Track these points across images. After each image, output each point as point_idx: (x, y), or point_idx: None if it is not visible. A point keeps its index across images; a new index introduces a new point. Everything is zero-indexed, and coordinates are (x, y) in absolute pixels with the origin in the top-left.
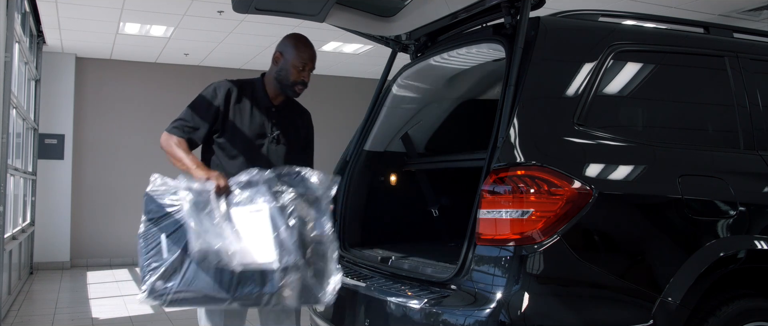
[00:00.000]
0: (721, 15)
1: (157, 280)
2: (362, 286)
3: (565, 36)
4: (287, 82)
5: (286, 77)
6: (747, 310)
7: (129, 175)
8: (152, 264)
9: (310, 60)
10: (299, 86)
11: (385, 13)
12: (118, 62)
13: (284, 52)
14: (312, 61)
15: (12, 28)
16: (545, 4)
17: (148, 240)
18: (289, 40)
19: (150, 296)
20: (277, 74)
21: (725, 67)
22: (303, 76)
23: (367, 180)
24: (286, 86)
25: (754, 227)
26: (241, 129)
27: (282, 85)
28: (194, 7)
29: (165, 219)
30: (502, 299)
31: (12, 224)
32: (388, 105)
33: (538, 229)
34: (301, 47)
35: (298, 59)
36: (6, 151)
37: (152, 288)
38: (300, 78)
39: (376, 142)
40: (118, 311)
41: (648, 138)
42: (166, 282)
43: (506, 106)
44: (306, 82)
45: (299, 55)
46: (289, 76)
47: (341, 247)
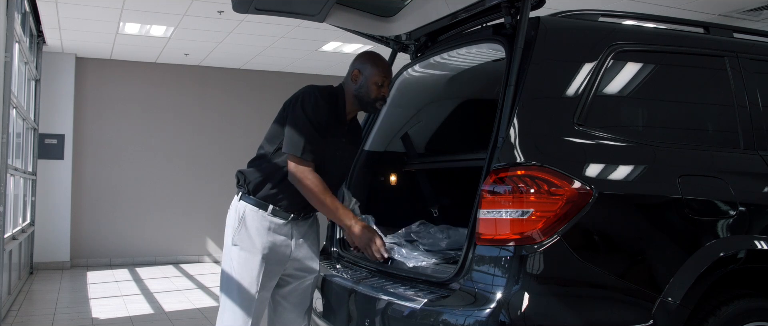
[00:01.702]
0: (721, 15)
1: None
2: (362, 286)
3: (565, 36)
4: (368, 99)
5: (367, 94)
6: (747, 310)
7: (129, 175)
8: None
9: (389, 75)
10: (380, 102)
11: (385, 13)
12: (118, 62)
13: (362, 69)
14: (390, 76)
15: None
16: (545, 4)
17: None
18: (366, 57)
19: None
20: (357, 91)
21: (725, 67)
22: (383, 91)
23: (367, 181)
24: (367, 103)
25: (754, 227)
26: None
27: (363, 102)
28: (194, 7)
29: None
30: (502, 299)
31: (12, 224)
32: (388, 105)
33: (538, 229)
34: (379, 64)
35: (378, 75)
36: (6, 151)
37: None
38: (380, 94)
39: (376, 142)
40: (118, 311)
41: (648, 138)
42: None
43: (506, 106)
44: (386, 97)
45: (379, 72)
46: (370, 93)
47: (341, 247)
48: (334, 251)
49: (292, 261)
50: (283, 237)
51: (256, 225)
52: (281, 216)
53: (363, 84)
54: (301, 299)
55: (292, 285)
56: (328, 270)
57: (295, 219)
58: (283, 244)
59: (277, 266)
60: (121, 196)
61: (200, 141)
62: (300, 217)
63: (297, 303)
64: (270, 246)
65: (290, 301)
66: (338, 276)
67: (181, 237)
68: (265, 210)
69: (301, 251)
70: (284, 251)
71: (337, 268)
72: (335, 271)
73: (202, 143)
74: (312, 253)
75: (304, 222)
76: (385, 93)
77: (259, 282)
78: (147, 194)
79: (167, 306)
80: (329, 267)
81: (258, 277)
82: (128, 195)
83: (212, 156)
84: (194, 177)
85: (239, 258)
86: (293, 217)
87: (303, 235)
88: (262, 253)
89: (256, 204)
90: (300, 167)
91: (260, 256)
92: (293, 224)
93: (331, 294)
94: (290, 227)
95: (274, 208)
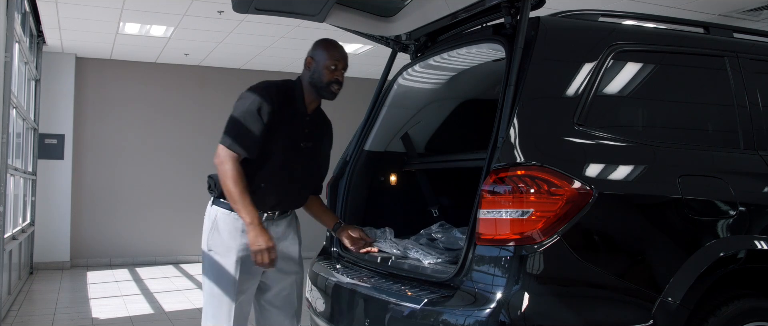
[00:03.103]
0: (721, 15)
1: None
2: (362, 286)
3: (565, 36)
4: (322, 84)
5: (320, 79)
6: (747, 310)
7: (129, 175)
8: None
9: (342, 59)
10: (334, 85)
11: (385, 13)
12: (118, 62)
13: (315, 55)
14: (343, 60)
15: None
16: (545, 4)
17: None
18: (318, 43)
19: None
20: (311, 78)
21: (725, 67)
22: (336, 75)
23: (367, 181)
24: (321, 88)
25: (754, 227)
26: (282, 133)
27: (317, 88)
28: (194, 7)
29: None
30: (502, 299)
31: (12, 224)
32: (388, 105)
33: (538, 229)
34: (331, 48)
35: (329, 59)
36: (6, 150)
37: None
38: (334, 77)
39: (376, 142)
40: (118, 311)
41: (648, 138)
42: None
43: (506, 106)
44: (340, 81)
45: (330, 55)
46: (323, 78)
47: (341, 247)
48: (335, 251)
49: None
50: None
51: (229, 227)
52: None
53: (315, 70)
54: (285, 302)
55: (275, 289)
56: (328, 271)
57: (270, 219)
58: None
59: (255, 268)
60: (121, 196)
61: (200, 141)
62: (274, 216)
63: (282, 306)
64: (245, 247)
65: (275, 305)
66: (338, 276)
67: (181, 237)
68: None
69: (280, 251)
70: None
71: (337, 268)
72: (335, 271)
73: (202, 143)
74: (290, 252)
75: (281, 220)
76: (338, 76)
77: (237, 286)
78: (147, 194)
79: (167, 306)
80: (329, 267)
81: (235, 281)
82: (128, 195)
83: (212, 156)
84: (194, 177)
85: (215, 263)
86: (267, 217)
87: (280, 235)
88: (237, 255)
89: (227, 207)
90: (221, 155)
91: (235, 259)
92: (268, 224)
93: (332, 294)
94: (269, 228)
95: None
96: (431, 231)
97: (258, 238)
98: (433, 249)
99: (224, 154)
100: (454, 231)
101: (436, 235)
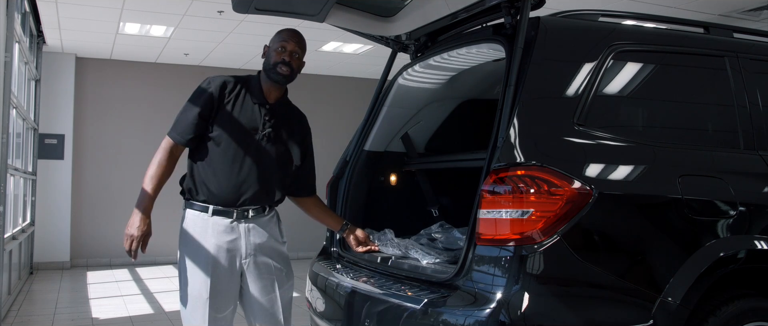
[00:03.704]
0: (721, 15)
1: None
2: (362, 286)
3: (565, 36)
4: (269, 66)
5: (268, 62)
6: (747, 310)
7: (129, 175)
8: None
9: (290, 40)
10: (281, 66)
11: (385, 13)
12: (118, 62)
13: (270, 42)
14: (292, 41)
15: (12, 28)
16: (545, 4)
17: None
18: (274, 33)
19: None
20: (264, 65)
21: (725, 67)
22: (283, 56)
23: (367, 181)
24: (269, 71)
25: (754, 227)
26: (232, 121)
27: (267, 72)
28: (194, 7)
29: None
30: (502, 299)
31: (12, 224)
32: (388, 105)
33: (538, 229)
34: (281, 32)
35: (277, 42)
36: (6, 151)
37: None
38: (280, 58)
39: (376, 142)
40: (118, 311)
41: (648, 138)
42: None
43: (506, 106)
44: (288, 62)
45: (278, 38)
46: (270, 60)
47: (341, 247)
48: (335, 251)
49: (248, 263)
50: (231, 238)
51: (199, 230)
52: (224, 216)
53: (267, 54)
54: (266, 309)
55: (256, 294)
56: (328, 270)
57: (244, 218)
58: (232, 247)
59: (229, 271)
60: (121, 196)
61: None
62: (247, 215)
63: (264, 312)
64: (215, 250)
65: (258, 310)
66: (338, 276)
67: None
68: (206, 212)
69: (258, 252)
70: (235, 253)
71: (337, 268)
72: (335, 271)
73: None
74: (268, 258)
75: (257, 219)
76: (285, 57)
77: (208, 285)
78: None
79: (167, 306)
80: (329, 267)
81: (206, 287)
82: (128, 195)
83: None
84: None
85: (187, 268)
86: (239, 216)
87: (258, 235)
88: (206, 260)
89: (196, 209)
90: (163, 142)
91: (204, 259)
92: (241, 222)
93: (331, 294)
94: (238, 227)
95: (215, 208)
96: (431, 232)
97: (132, 223)
98: (433, 249)
99: (162, 142)
100: (453, 231)
101: (436, 235)
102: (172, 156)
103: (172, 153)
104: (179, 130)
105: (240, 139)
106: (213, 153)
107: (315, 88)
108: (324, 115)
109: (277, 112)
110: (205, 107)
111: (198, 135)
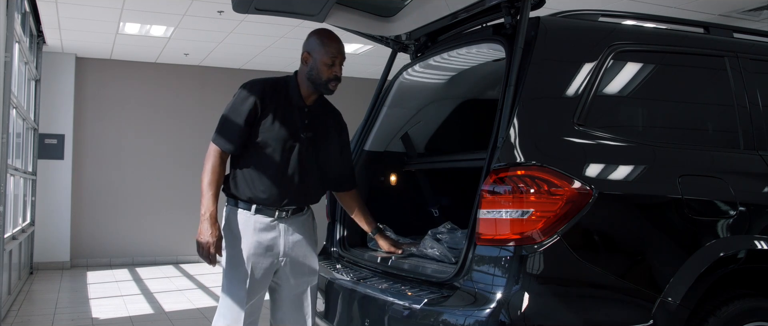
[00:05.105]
0: (721, 15)
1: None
2: (362, 286)
3: (565, 36)
4: (320, 81)
5: (318, 76)
6: (747, 310)
7: (129, 175)
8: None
9: (339, 53)
10: (333, 82)
11: (385, 13)
12: (118, 62)
13: (312, 50)
14: (341, 54)
15: (12, 28)
16: (545, 4)
17: None
18: (315, 36)
19: None
20: (309, 74)
21: (725, 67)
22: (334, 71)
23: (367, 181)
24: (319, 85)
25: (754, 227)
26: (275, 127)
27: (315, 84)
28: (194, 7)
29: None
30: (502, 299)
31: (12, 224)
32: (388, 105)
33: (538, 229)
34: (327, 42)
35: (327, 55)
36: (6, 150)
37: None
38: (332, 74)
39: (376, 142)
40: (118, 311)
41: (648, 138)
42: None
43: (506, 106)
44: (339, 76)
45: (327, 51)
46: (322, 75)
47: (341, 247)
48: (335, 251)
49: (284, 261)
50: (271, 237)
51: (241, 226)
52: (266, 214)
53: (313, 66)
54: (294, 306)
55: (285, 291)
56: (328, 270)
57: (284, 217)
58: (272, 244)
59: (267, 268)
60: (121, 196)
61: (200, 141)
62: (287, 215)
63: (291, 310)
64: (256, 245)
65: (286, 307)
66: (338, 276)
67: (181, 237)
68: (249, 210)
69: (294, 251)
70: (274, 251)
71: (337, 268)
72: (335, 271)
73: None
74: (302, 257)
75: (295, 218)
76: (337, 72)
77: (248, 284)
78: (147, 194)
79: (167, 306)
80: (329, 267)
81: (245, 280)
82: (128, 195)
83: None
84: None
85: (228, 263)
86: (280, 215)
87: (295, 233)
88: (246, 255)
89: (240, 206)
90: (208, 150)
91: (246, 259)
92: (281, 221)
93: (332, 294)
94: (279, 225)
95: (258, 207)
96: (437, 232)
97: (204, 230)
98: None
99: (209, 149)
100: (458, 231)
101: (441, 236)
102: (222, 161)
103: (222, 159)
104: (226, 138)
105: (283, 143)
106: (258, 157)
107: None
108: None
109: (315, 113)
110: (250, 115)
111: (243, 142)
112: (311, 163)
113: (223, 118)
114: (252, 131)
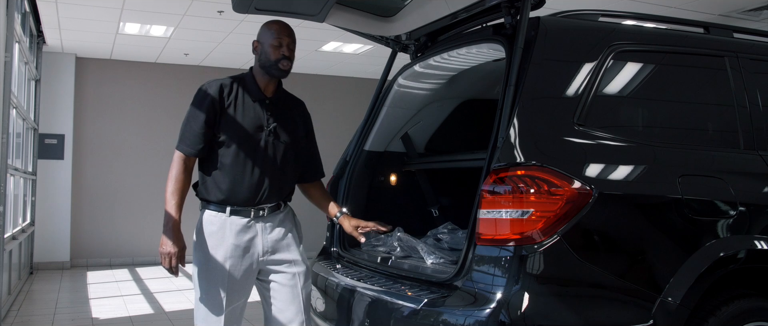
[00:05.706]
0: (721, 15)
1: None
2: (362, 286)
3: (565, 36)
4: (270, 63)
5: (268, 59)
6: (747, 310)
7: (129, 175)
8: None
9: (284, 34)
10: (283, 62)
11: (385, 13)
12: (118, 62)
13: (260, 38)
14: (287, 35)
15: (12, 28)
16: (545, 4)
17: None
18: (262, 26)
19: None
20: (260, 61)
21: (725, 67)
22: (283, 51)
23: (367, 181)
24: (270, 67)
25: (754, 227)
26: (237, 123)
27: (267, 69)
28: (194, 7)
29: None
30: (502, 299)
31: (12, 224)
32: (388, 105)
33: (538, 229)
34: (271, 24)
35: (272, 37)
36: (6, 150)
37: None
38: (280, 54)
39: (376, 142)
40: (118, 311)
41: (648, 138)
42: None
43: (506, 106)
44: (287, 56)
45: (272, 33)
46: (270, 57)
47: (341, 247)
48: (334, 251)
49: (265, 261)
50: (248, 238)
51: (216, 229)
52: (242, 215)
53: (263, 51)
54: (286, 303)
55: (275, 290)
56: (328, 270)
57: (260, 216)
58: (249, 245)
59: (247, 270)
60: (121, 196)
61: None
62: (264, 214)
63: (284, 307)
64: (232, 250)
65: (277, 306)
66: (338, 276)
67: None
68: (223, 212)
69: (274, 248)
70: (251, 252)
71: (337, 268)
72: (335, 271)
73: None
74: (285, 254)
75: (273, 216)
76: (285, 52)
77: (226, 288)
78: (147, 194)
79: (167, 306)
80: (329, 267)
81: (223, 286)
82: (128, 195)
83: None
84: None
85: (201, 269)
86: (257, 214)
87: (274, 231)
88: (223, 259)
89: (214, 209)
90: (173, 157)
91: (223, 262)
92: (258, 221)
93: (331, 294)
94: (256, 225)
95: (233, 208)
96: (438, 232)
97: (165, 241)
98: (438, 249)
99: (174, 157)
100: (459, 232)
101: (442, 236)
102: (187, 168)
103: (186, 165)
104: (188, 143)
105: (248, 140)
106: (223, 157)
107: (315, 88)
108: (324, 115)
109: (277, 105)
110: (209, 115)
111: (207, 143)
112: (280, 157)
113: (183, 123)
114: (214, 131)
